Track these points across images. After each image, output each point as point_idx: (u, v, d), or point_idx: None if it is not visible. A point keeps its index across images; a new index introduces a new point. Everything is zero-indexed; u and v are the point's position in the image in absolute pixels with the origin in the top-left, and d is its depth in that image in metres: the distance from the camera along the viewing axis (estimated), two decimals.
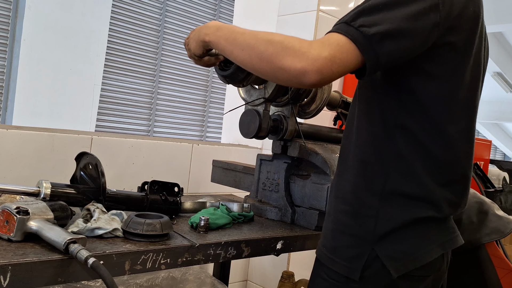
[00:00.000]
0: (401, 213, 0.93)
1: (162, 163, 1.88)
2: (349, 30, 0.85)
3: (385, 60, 0.86)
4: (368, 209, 0.95)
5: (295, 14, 2.25)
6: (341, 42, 0.85)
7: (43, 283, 0.87)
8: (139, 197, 1.28)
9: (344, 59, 0.85)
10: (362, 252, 0.94)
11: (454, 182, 0.97)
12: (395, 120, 0.94)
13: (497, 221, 1.36)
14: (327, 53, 0.84)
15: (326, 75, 0.84)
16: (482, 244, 1.35)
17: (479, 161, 2.42)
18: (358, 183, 0.98)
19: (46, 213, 0.98)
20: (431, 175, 0.93)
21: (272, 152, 1.56)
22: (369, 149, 0.97)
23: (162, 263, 1.04)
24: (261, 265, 2.28)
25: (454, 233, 1.01)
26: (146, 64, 4.97)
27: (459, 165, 0.97)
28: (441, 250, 0.96)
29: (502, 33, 7.38)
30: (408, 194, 0.93)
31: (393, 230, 0.93)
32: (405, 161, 0.93)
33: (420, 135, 0.93)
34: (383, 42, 0.84)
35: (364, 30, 0.84)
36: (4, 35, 3.96)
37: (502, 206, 2.28)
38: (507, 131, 12.35)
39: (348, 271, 0.94)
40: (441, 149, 0.94)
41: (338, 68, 0.84)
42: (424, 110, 0.93)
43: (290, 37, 0.89)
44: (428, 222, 0.95)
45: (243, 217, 1.41)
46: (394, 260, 0.92)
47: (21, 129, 1.53)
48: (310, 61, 0.84)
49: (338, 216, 1.01)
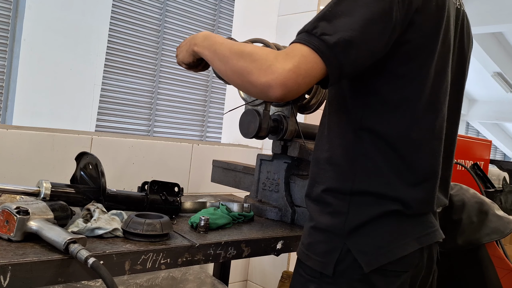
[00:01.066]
0: (371, 208, 0.93)
1: (162, 163, 1.88)
2: (311, 40, 0.84)
3: (348, 69, 0.86)
4: (338, 207, 0.95)
5: (295, 14, 2.25)
6: (304, 53, 0.84)
7: (43, 283, 0.87)
8: (139, 197, 1.28)
9: (309, 70, 0.84)
10: (335, 247, 0.94)
11: (423, 180, 0.96)
12: (362, 122, 0.94)
13: (497, 221, 1.36)
14: (291, 65, 0.83)
15: (291, 88, 0.84)
16: (482, 244, 1.35)
17: (479, 161, 2.41)
18: (328, 183, 0.98)
19: (46, 213, 0.98)
20: (399, 175, 0.93)
21: (272, 152, 1.56)
22: (338, 150, 0.97)
23: (162, 263, 1.04)
24: (261, 265, 2.28)
25: (432, 228, 0.99)
26: (146, 64, 4.96)
27: (428, 163, 0.96)
28: (417, 244, 0.95)
29: (502, 33, 7.38)
30: (377, 194, 0.93)
31: (364, 223, 0.93)
32: (373, 161, 0.93)
33: (387, 136, 0.93)
34: (346, 51, 0.83)
35: (326, 38, 0.83)
36: (4, 35, 3.96)
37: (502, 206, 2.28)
38: (507, 131, 12.35)
39: (322, 266, 0.94)
40: (408, 150, 0.93)
41: (304, 80, 0.84)
42: (390, 110, 0.93)
43: (259, 49, 0.89)
44: (400, 216, 0.94)
45: (243, 217, 1.41)
46: (366, 254, 0.92)
47: (21, 129, 1.53)
48: (275, 75, 0.83)
49: (312, 214, 1.02)
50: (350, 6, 0.86)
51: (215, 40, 1.03)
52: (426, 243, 0.97)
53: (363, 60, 0.87)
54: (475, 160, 2.40)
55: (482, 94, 10.21)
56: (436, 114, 0.97)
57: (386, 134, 0.93)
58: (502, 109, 10.16)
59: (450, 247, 1.39)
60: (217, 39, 1.03)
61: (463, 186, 1.51)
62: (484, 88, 9.60)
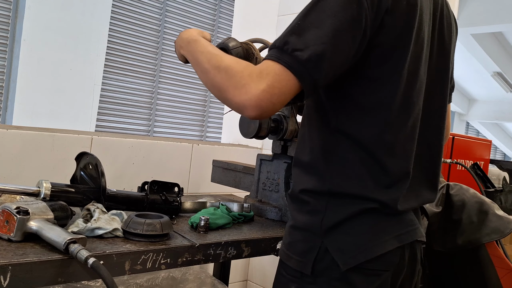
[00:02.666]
0: (349, 207, 0.92)
1: (162, 163, 1.88)
2: (283, 57, 0.83)
3: (322, 82, 0.85)
4: (316, 205, 0.95)
5: (295, 14, 2.24)
6: (277, 71, 0.83)
7: (43, 283, 0.87)
8: (139, 197, 1.28)
9: (283, 88, 0.83)
10: (313, 245, 0.93)
11: (397, 181, 0.95)
12: (337, 126, 0.93)
13: (497, 221, 1.36)
14: (265, 85, 0.82)
15: (266, 108, 0.84)
16: (482, 244, 1.35)
17: (479, 161, 2.41)
18: (306, 184, 0.98)
19: (46, 213, 0.98)
20: (374, 177, 0.92)
21: (272, 152, 1.56)
22: (315, 152, 0.97)
23: (162, 263, 1.04)
24: (261, 265, 2.28)
25: (412, 226, 0.98)
26: (146, 64, 4.97)
27: (401, 165, 0.95)
28: (396, 242, 0.93)
29: (502, 33, 7.38)
30: (353, 195, 0.92)
31: (341, 222, 0.92)
32: (349, 164, 0.92)
33: (361, 139, 0.92)
34: (319, 65, 0.83)
35: (297, 55, 0.82)
36: (4, 35, 3.96)
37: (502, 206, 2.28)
38: (507, 131, 12.36)
39: (301, 265, 0.94)
40: (382, 152, 0.92)
41: (278, 99, 0.83)
42: (363, 114, 0.92)
43: (235, 63, 0.88)
44: (378, 214, 0.93)
45: (243, 217, 1.41)
46: (343, 252, 0.90)
47: (21, 129, 1.53)
48: (248, 95, 0.83)
49: (291, 213, 1.01)
50: (319, 17, 0.85)
51: (196, 48, 1.01)
52: (406, 241, 0.96)
53: (336, 70, 0.86)
54: (475, 160, 2.40)
55: (482, 94, 10.22)
56: (409, 115, 0.95)
57: (361, 137, 0.92)
58: (502, 109, 10.16)
59: (450, 247, 1.39)
60: (198, 46, 1.00)
61: (463, 186, 1.51)
62: (484, 88, 9.60)
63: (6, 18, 3.96)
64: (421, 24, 0.95)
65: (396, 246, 0.93)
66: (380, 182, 0.92)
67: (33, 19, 3.98)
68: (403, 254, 0.96)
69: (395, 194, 0.94)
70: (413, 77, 0.95)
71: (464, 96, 10.55)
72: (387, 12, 0.87)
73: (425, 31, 0.97)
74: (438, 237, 1.43)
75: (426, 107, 1.02)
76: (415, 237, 0.98)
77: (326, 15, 0.84)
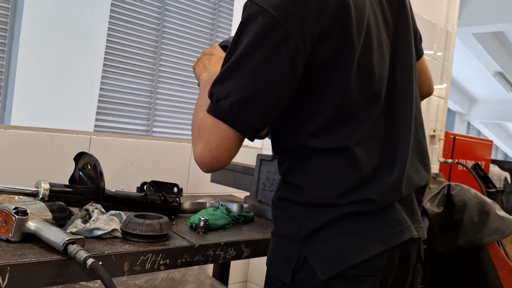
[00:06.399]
0: (327, 213, 0.88)
1: (161, 163, 1.88)
2: (212, 108, 0.83)
3: (259, 123, 0.83)
4: (294, 212, 0.92)
5: None
6: (210, 124, 0.84)
7: (41, 284, 0.86)
8: (138, 197, 1.27)
9: (220, 140, 0.83)
10: (292, 254, 0.90)
11: (372, 177, 0.90)
12: (302, 139, 0.91)
13: (499, 221, 1.36)
14: (203, 143, 0.84)
15: (211, 163, 0.85)
16: (484, 245, 1.35)
17: (480, 161, 2.41)
18: (284, 192, 0.96)
19: (45, 213, 0.97)
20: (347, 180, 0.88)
21: (272, 152, 1.55)
22: (289, 163, 0.95)
23: (161, 264, 1.04)
24: (261, 266, 2.27)
25: (400, 226, 0.90)
26: (146, 64, 4.96)
27: (371, 161, 0.91)
28: (381, 246, 0.87)
29: (503, 33, 7.37)
30: (328, 201, 0.89)
31: (318, 228, 0.88)
32: (322, 172, 0.90)
33: (325, 147, 0.89)
34: (245, 110, 0.81)
35: (221, 104, 0.81)
36: (2, 34, 3.96)
37: (503, 207, 2.28)
38: (508, 131, 12.35)
39: (281, 274, 0.92)
40: (350, 154, 0.88)
41: (218, 151, 0.84)
42: (323, 124, 0.89)
43: (199, 120, 0.89)
44: (359, 216, 0.88)
45: (243, 218, 1.40)
46: (322, 260, 0.87)
47: (20, 129, 1.53)
48: (195, 155, 0.87)
49: (274, 220, 1.00)
50: (236, 60, 0.81)
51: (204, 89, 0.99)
52: (393, 244, 0.89)
53: (273, 106, 0.83)
54: (476, 160, 2.40)
55: (483, 94, 10.21)
56: (374, 107, 0.91)
57: (324, 146, 0.89)
58: (503, 109, 10.15)
59: (451, 248, 1.39)
60: (206, 87, 0.95)
61: (464, 186, 1.51)
62: (485, 88, 9.59)
63: (5, 18, 3.95)
64: (359, 13, 0.88)
65: (381, 250, 0.87)
66: (356, 183, 0.88)
67: (31, 19, 3.98)
68: (391, 257, 0.91)
69: (372, 192, 0.88)
70: (368, 68, 0.90)
71: (465, 96, 10.54)
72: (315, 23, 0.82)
73: (367, 14, 0.91)
74: (439, 238, 1.43)
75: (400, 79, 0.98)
76: (404, 237, 0.90)
77: (242, 57, 0.81)
